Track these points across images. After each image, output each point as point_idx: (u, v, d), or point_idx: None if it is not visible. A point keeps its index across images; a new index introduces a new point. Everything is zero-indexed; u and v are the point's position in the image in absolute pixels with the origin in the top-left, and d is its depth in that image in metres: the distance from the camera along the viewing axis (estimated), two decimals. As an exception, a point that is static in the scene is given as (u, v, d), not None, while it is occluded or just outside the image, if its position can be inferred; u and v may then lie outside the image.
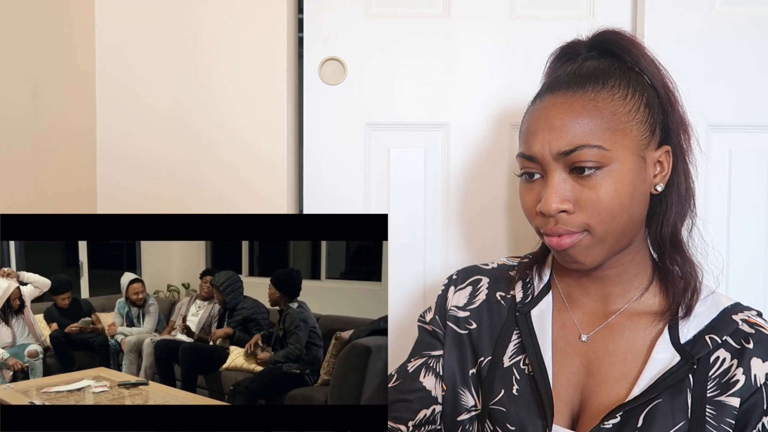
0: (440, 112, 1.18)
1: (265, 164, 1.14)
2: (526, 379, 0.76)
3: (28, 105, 0.94)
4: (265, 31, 1.13)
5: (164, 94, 1.13)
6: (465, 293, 0.85)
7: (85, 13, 1.11)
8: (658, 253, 0.76)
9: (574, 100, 0.69)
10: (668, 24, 1.14)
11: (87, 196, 1.12)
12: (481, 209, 1.19)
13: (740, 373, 0.68)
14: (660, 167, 0.72)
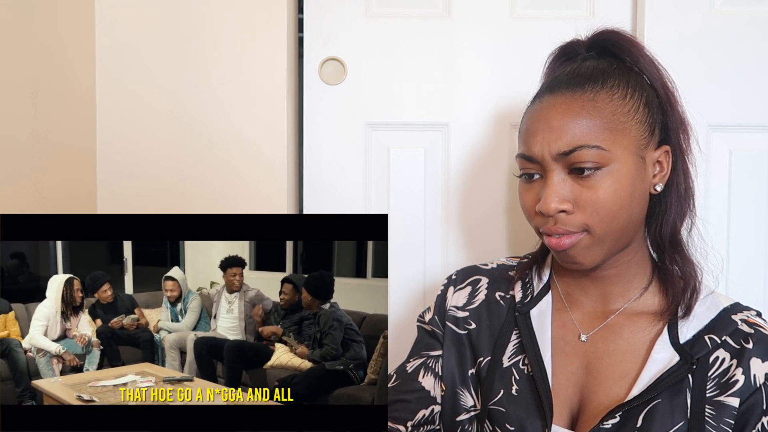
0: (440, 112, 1.18)
1: (265, 164, 1.14)
2: (525, 379, 0.76)
3: (28, 105, 0.94)
4: (265, 31, 1.13)
5: (164, 94, 1.13)
6: (464, 293, 0.85)
7: (85, 13, 1.11)
8: (657, 253, 0.76)
9: (573, 100, 0.69)
10: (668, 24, 1.13)
11: (87, 197, 1.12)
12: (480, 209, 1.19)
13: (740, 373, 0.68)
14: (659, 167, 0.72)
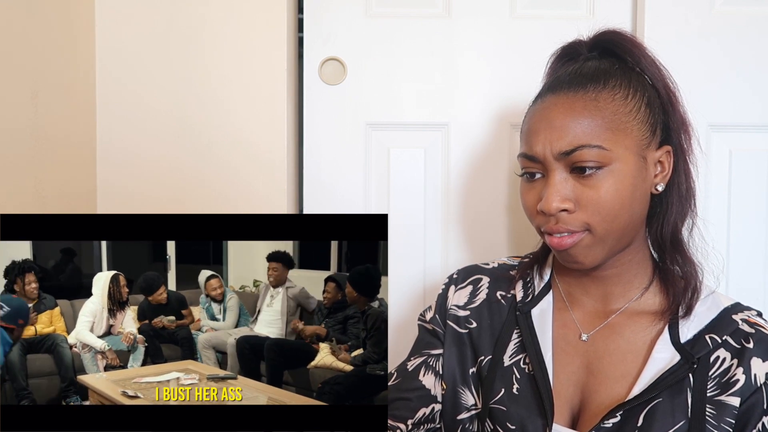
0: (440, 112, 1.18)
1: (265, 164, 1.14)
2: (526, 378, 0.76)
3: (28, 105, 0.94)
4: (265, 31, 1.13)
5: (164, 94, 1.13)
6: (465, 292, 0.85)
7: (85, 14, 1.11)
8: (658, 253, 0.76)
9: (575, 100, 0.70)
10: (668, 24, 1.14)
11: (87, 197, 1.12)
12: (481, 209, 1.19)
13: (740, 373, 0.68)
14: (661, 167, 0.72)
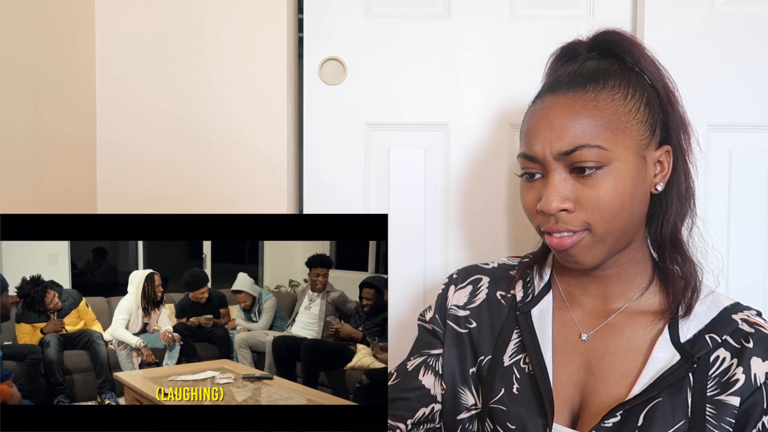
0: (440, 112, 1.18)
1: (265, 164, 1.14)
2: (526, 378, 0.76)
3: (28, 105, 0.94)
4: (265, 31, 1.13)
5: (164, 94, 1.13)
6: (465, 292, 0.85)
7: (85, 13, 1.11)
8: (658, 253, 0.76)
9: (575, 100, 0.70)
10: (668, 24, 1.14)
11: (87, 196, 1.12)
12: (481, 209, 1.19)
13: (740, 373, 0.68)
14: (660, 167, 0.72)
